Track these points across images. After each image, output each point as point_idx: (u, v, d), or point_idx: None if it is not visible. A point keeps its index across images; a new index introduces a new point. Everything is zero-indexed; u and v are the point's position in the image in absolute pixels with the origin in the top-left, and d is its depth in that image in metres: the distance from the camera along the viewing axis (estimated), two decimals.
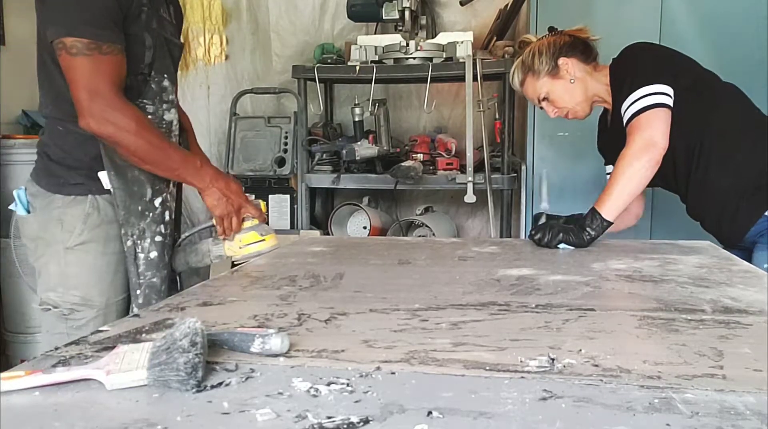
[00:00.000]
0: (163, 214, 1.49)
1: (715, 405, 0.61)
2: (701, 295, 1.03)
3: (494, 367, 0.72)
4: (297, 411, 0.61)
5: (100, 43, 1.32)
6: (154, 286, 1.48)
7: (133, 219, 1.45)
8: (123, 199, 1.43)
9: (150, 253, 1.47)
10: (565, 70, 1.72)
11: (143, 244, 1.46)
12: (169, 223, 1.52)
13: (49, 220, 1.45)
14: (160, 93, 1.49)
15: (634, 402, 0.62)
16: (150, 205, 1.47)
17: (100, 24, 1.32)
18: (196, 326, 0.69)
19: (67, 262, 1.44)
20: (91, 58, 1.31)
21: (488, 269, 1.26)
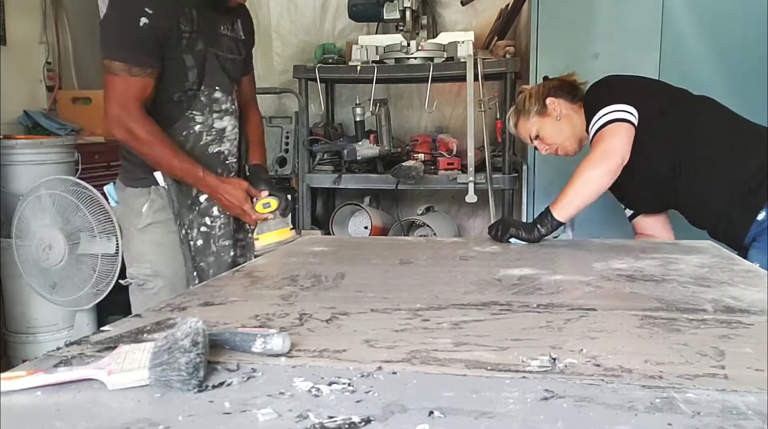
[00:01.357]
0: (209, 208, 1.74)
1: (717, 405, 0.61)
2: (703, 295, 1.03)
3: (496, 367, 0.72)
4: (298, 411, 0.61)
5: (130, 66, 1.57)
6: (202, 269, 1.73)
7: (183, 211, 1.71)
8: (175, 193, 1.69)
9: (197, 241, 1.73)
10: (552, 108, 1.83)
11: (192, 233, 1.72)
12: (218, 217, 1.76)
13: (125, 208, 1.76)
14: (210, 104, 1.72)
15: (635, 402, 0.62)
16: (196, 200, 1.73)
17: (134, 50, 1.58)
18: (197, 326, 0.69)
19: (140, 241, 1.73)
20: (120, 77, 1.57)
21: (489, 269, 1.26)
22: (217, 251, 1.77)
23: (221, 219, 1.77)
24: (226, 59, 1.77)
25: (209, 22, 1.71)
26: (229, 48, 1.79)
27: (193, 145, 1.71)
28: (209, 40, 1.71)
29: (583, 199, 1.62)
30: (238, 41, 1.84)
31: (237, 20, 1.83)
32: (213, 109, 1.74)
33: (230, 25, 1.80)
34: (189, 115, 1.70)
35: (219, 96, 1.74)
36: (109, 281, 2.42)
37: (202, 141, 1.73)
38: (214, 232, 1.76)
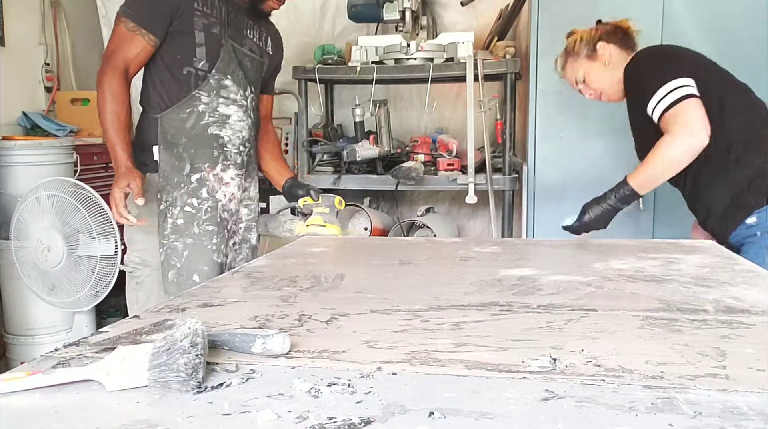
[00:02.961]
0: (199, 189, 1.79)
1: (718, 405, 0.61)
2: (704, 295, 1.03)
3: (496, 368, 0.71)
4: (298, 412, 0.61)
5: (128, 20, 1.69)
6: (175, 248, 1.76)
7: (169, 187, 1.76)
8: (164, 169, 1.75)
9: (177, 219, 1.76)
10: (602, 53, 1.82)
11: (173, 210, 1.76)
12: (206, 200, 1.80)
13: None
14: (219, 89, 1.80)
15: (636, 402, 0.62)
16: (186, 179, 1.78)
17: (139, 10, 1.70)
18: (196, 327, 0.69)
19: (131, 229, 1.80)
20: (117, 31, 1.71)
21: (490, 269, 1.26)
22: (198, 234, 1.78)
23: (209, 202, 1.80)
24: (245, 55, 1.86)
25: (236, 20, 1.84)
26: (252, 49, 1.90)
27: (194, 123, 1.78)
28: (230, 33, 1.81)
29: (663, 173, 1.63)
30: (262, 50, 1.96)
31: (267, 36, 1.99)
32: (221, 94, 1.80)
33: (258, 35, 1.93)
34: (195, 94, 1.77)
35: (229, 84, 1.81)
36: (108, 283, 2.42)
37: (203, 121, 1.79)
38: (200, 215, 1.78)
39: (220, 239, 1.83)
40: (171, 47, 1.75)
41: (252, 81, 1.91)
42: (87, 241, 2.39)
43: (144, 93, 1.85)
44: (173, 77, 1.77)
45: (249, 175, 1.99)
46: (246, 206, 2.00)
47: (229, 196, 1.90)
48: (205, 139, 1.79)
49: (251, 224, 2.02)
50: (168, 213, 1.75)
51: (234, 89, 1.83)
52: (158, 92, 1.80)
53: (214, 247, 1.80)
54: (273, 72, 2.11)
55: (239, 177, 1.92)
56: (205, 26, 1.76)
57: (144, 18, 1.70)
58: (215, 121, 1.80)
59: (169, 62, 1.76)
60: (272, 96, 2.18)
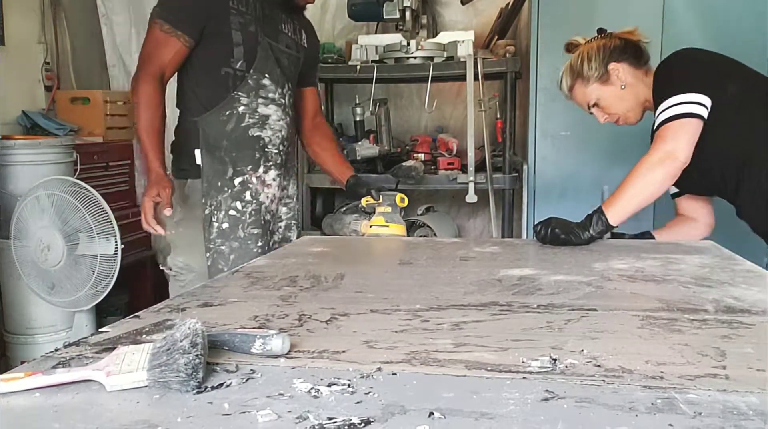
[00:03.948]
0: (242, 193, 1.77)
1: (718, 405, 0.61)
2: (704, 295, 1.03)
3: (496, 368, 0.71)
4: (298, 412, 0.61)
5: (162, 23, 1.67)
6: (222, 253, 1.74)
7: (213, 192, 1.74)
8: (207, 173, 1.73)
9: (222, 223, 1.74)
10: (615, 76, 1.68)
11: (218, 214, 1.74)
12: (249, 203, 1.77)
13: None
14: (257, 89, 1.77)
15: (636, 402, 0.62)
16: (229, 183, 1.75)
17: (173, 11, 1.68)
18: (196, 327, 0.69)
19: (176, 234, 1.82)
20: (152, 34, 1.69)
21: (490, 269, 1.26)
22: (244, 238, 1.76)
23: (252, 205, 1.78)
24: (282, 52, 1.84)
25: (271, 16, 1.81)
26: (287, 45, 1.87)
27: (234, 126, 1.76)
28: (266, 30, 1.78)
29: (640, 202, 1.52)
30: (298, 44, 1.93)
31: (301, 30, 1.95)
32: (259, 95, 1.78)
33: (292, 28, 1.90)
34: (235, 96, 1.74)
35: (267, 84, 1.79)
36: (108, 282, 2.42)
37: (244, 123, 1.77)
38: (244, 219, 1.76)
39: (264, 241, 1.82)
40: (207, 48, 1.72)
41: (289, 78, 1.88)
42: (87, 241, 2.39)
43: (181, 96, 1.82)
44: (211, 79, 1.74)
45: (288, 174, 1.97)
46: (285, 205, 1.98)
47: (271, 197, 1.88)
48: (246, 141, 1.77)
49: (291, 223, 2.00)
50: (213, 217, 1.73)
51: (272, 88, 1.80)
52: (196, 95, 1.77)
53: (259, 250, 1.78)
54: (312, 64, 2.07)
55: (279, 177, 1.90)
56: (242, 25, 1.72)
57: (179, 19, 1.67)
58: (255, 122, 1.78)
59: (206, 64, 1.73)
60: (316, 88, 2.13)
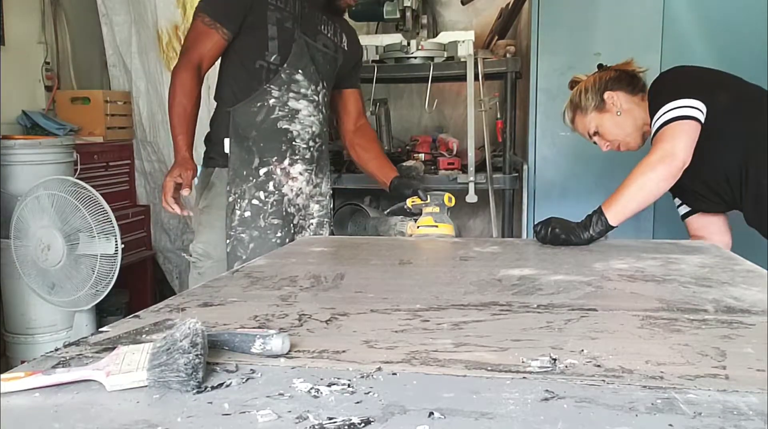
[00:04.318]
0: (266, 183, 1.81)
1: (718, 405, 0.61)
2: (704, 295, 1.03)
3: (496, 368, 0.71)
4: (298, 412, 0.61)
5: (204, 15, 1.75)
6: (242, 240, 1.78)
7: (237, 180, 1.78)
8: (234, 161, 1.79)
9: (245, 211, 1.78)
10: (611, 103, 1.74)
11: (241, 203, 1.78)
12: (272, 193, 1.82)
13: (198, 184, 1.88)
14: (290, 83, 1.82)
15: (636, 402, 0.62)
16: (255, 173, 1.80)
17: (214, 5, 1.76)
18: (196, 327, 0.69)
19: (197, 220, 1.88)
20: (194, 26, 1.77)
21: (490, 269, 1.26)
22: (264, 227, 1.80)
23: (275, 196, 1.82)
24: (318, 50, 1.88)
25: (311, 16, 1.86)
26: (325, 44, 1.91)
27: (264, 118, 1.81)
28: (304, 27, 1.83)
29: (639, 203, 1.53)
30: (337, 46, 1.97)
31: (342, 33, 1.99)
32: (291, 89, 1.83)
33: (332, 31, 1.94)
34: (266, 88, 1.80)
35: (300, 79, 1.83)
36: (108, 282, 2.42)
37: (273, 115, 1.82)
38: (266, 208, 1.80)
39: (285, 233, 1.85)
40: (244, 41, 1.79)
41: (324, 76, 1.92)
42: (87, 240, 2.40)
43: (218, 87, 1.90)
44: (245, 71, 1.80)
45: (320, 171, 1.99)
46: (317, 202, 1.99)
47: (296, 190, 1.90)
48: (274, 132, 1.82)
49: (323, 220, 2.01)
50: (236, 205, 1.78)
51: (305, 84, 1.85)
52: (230, 86, 1.84)
53: (278, 241, 1.81)
54: (353, 66, 2.10)
55: (308, 172, 1.92)
56: (278, 20, 1.78)
57: (219, 12, 1.75)
58: (285, 115, 1.83)
59: (242, 56, 1.80)
60: (359, 90, 2.17)
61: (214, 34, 1.76)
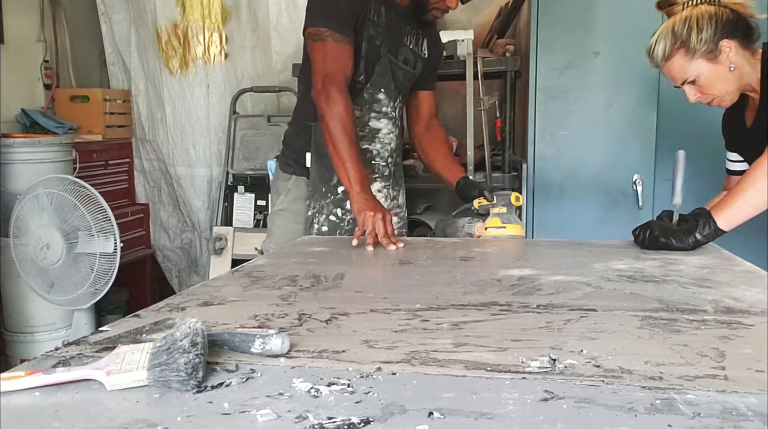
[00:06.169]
0: (344, 200, 1.78)
1: (717, 406, 0.61)
2: (703, 296, 1.03)
3: (495, 368, 0.71)
4: (297, 411, 0.61)
5: (333, 32, 1.65)
6: None
7: (317, 195, 1.79)
8: (314, 177, 1.80)
9: (322, 226, 1.79)
10: (725, 55, 1.51)
11: (320, 217, 1.79)
12: (349, 211, 1.76)
13: (274, 186, 1.94)
14: (372, 103, 1.81)
15: (635, 403, 0.62)
16: (333, 189, 1.79)
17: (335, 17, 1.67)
18: (196, 326, 0.69)
19: (272, 220, 1.92)
20: (325, 44, 1.65)
21: (489, 269, 1.26)
22: None
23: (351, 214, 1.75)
24: (399, 68, 1.85)
25: (396, 29, 1.81)
26: (406, 60, 1.88)
27: None
28: (389, 45, 1.80)
29: (755, 208, 1.38)
30: (418, 57, 1.92)
31: (424, 39, 1.92)
32: (373, 108, 1.82)
33: (415, 40, 1.89)
34: None
35: (382, 98, 1.81)
36: (108, 280, 2.42)
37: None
38: (342, 225, 1.80)
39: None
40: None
41: (401, 92, 1.90)
42: (86, 239, 2.40)
43: (302, 97, 1.88)
44: None
45: (396, 184, 1.98)
46: (395, 214, 1.97)
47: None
48: None
49: (402, 231, 1.99)
50: (314, 219, 1.79)
51: (386, 102, 1.83)
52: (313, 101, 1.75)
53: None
54: (431, 69, 2.04)
55: (386, 188, 1.92)
56: (371, 37, 1.74)
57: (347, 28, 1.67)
58: (365, 135, 1.82)
59: None
60: (433, 92, 2.12)
61: (347, 49, 1.68)
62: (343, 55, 1.67)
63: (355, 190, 1.59)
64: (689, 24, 1.51)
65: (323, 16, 1.68)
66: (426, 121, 2.11)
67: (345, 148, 1.60)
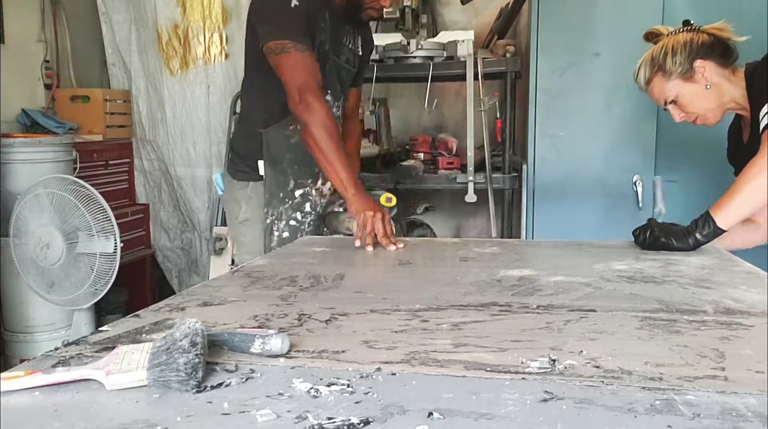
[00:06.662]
0: (302, 204, 1.81)
1: (717, 406, 0.61)
2: (703, 296, 1.03)
3: (495, 368, 0.71)
4: (297, 412, 0.61)
5: (295, 42, 1.65)
6: None
7: (275, 202, 1.79)
8: (270, 184, 1.79)
9: (283, 232, 1.79)
10: (700, 74, 1.59)
11: (279, 224, 1.79)
12: (309, 214, 1.82)
13: (230, 197, 1.89)
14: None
15: (635, 403, 0.62)
16: (290, 194, 1.80)
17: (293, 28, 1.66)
18: (196, 326, 0.69)
19: (240, 232, 1.87)
20: (291, 55, 1.65)
21: (489, 270, 1.26)
22: None
23: (311, 216, 1.83)
24: (342, 68, 1.87)
25: (337, 30, 1.81)
26: (347, 59, 1.89)
27: (297, 141, 1.78)
28: (333, 46, 1.81)
29: (753, 206, 1.41)
30: (355, 55, 1.94)
31: (359, 36, 1.94)
32: None
33: (352, 39, 1.90)
34: None
35: (329, 100, 1.80)
36: (108, 280, 2.42)
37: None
38: (303, 228, 1.82)
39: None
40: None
41: (344, 91, 1.92)
42: (86, 239, 2.40)
43: (247, 103, 1.88)
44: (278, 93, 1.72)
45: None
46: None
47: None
48: (307, 155, 1.74)
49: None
50: (274, 226, 1.79)
51: (332, 103, 1.83)
52: (262, 106, 1.79)
53: None
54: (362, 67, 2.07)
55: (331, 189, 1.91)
56: (321, 42, 1.75)
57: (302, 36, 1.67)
58: None
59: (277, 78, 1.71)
60: (360, 90, 2.15)
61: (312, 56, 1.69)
62: (309, 63, 1.67)
63: (350, 192, 1.60)
64: (665, 50, 1.62)
65: (282, 28, 1.67)
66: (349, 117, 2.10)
67: (332, 152, 1.61)
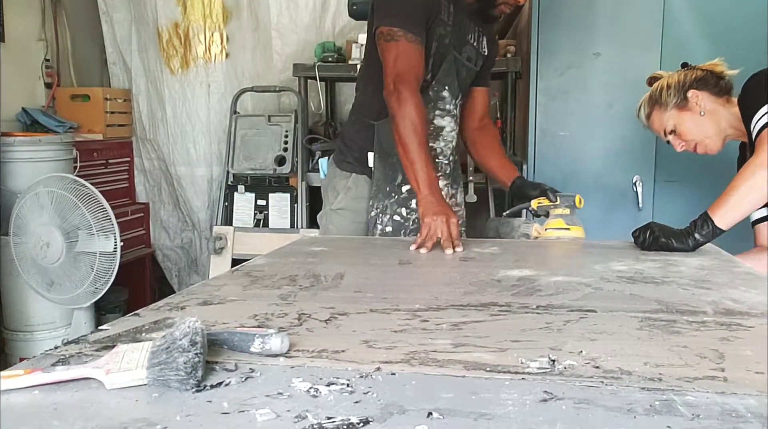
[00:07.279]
0: (409, 200, 1.76)
1: (716, 407, 0.61)
2: (703, 297, 1.03)
3: (495, 368, 0.71)
4: (297, 411, 0.61)
5: (406, 32, 1.62)
6: None
7: (380, 195, 1.78)
8: (378, 177, 1.78)
9: (386, 226, 1.77)
10: (694, 102, 1.67)
11: (383, 218, 1.78)
12: (414, 210, 1.74)
13: (329, 184, 1.89)
14: (436, 101, 1.78)
15: (634, 404, 0.62)
16: (397, 189, 1.77)
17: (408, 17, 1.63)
18: (195, 326, 0.69)
19: (329, 220, 1.86)
20: (398, 43, 1.62)
21: (489, 270, 1.26)
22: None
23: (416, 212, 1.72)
24: (462, 65, 1.83)
25: (461, 26, 1.77)
26: (470, 58, 1.85)
27: None
28: (455, 42, 1.76)
29: (750, 205, 1.43)
30: (479, 54, 1.89)
31: (484, 37, 1.89)
32: (437, 106, 1.79)
33: (477, 38, 1.86)
34: None
35: (446, 96, 1.79)
36: (107, 279, 2.42)
37: None
38: (407, 225, 1.77)
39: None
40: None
41: (463, 89, 1.87)
42: (86, 238, 2.40)
43: (362, 94, 1.86)
44: None
45: (455, 182, 1.96)
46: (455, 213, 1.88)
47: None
48: None
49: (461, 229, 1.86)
50: (378, 220, 1.77)
51: (449, 100, 1.80)
52: (376, 98, 1.72)
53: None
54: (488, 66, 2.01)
55: (447, 186, 1.89)
56: (441, 36, 1.71)
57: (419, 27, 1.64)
58: (429, 133, 1.76)
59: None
60: (487, 89, 2.08)
61: (420, 49, 1.64)
62: (416, 55, 1.64)
63: (423, 192, 1.56)
64: (661, 87, 1.73)
65: (397, 15, 1.64)
66: (480, 118, 2.05)
67: (414, 148, 1.57)
